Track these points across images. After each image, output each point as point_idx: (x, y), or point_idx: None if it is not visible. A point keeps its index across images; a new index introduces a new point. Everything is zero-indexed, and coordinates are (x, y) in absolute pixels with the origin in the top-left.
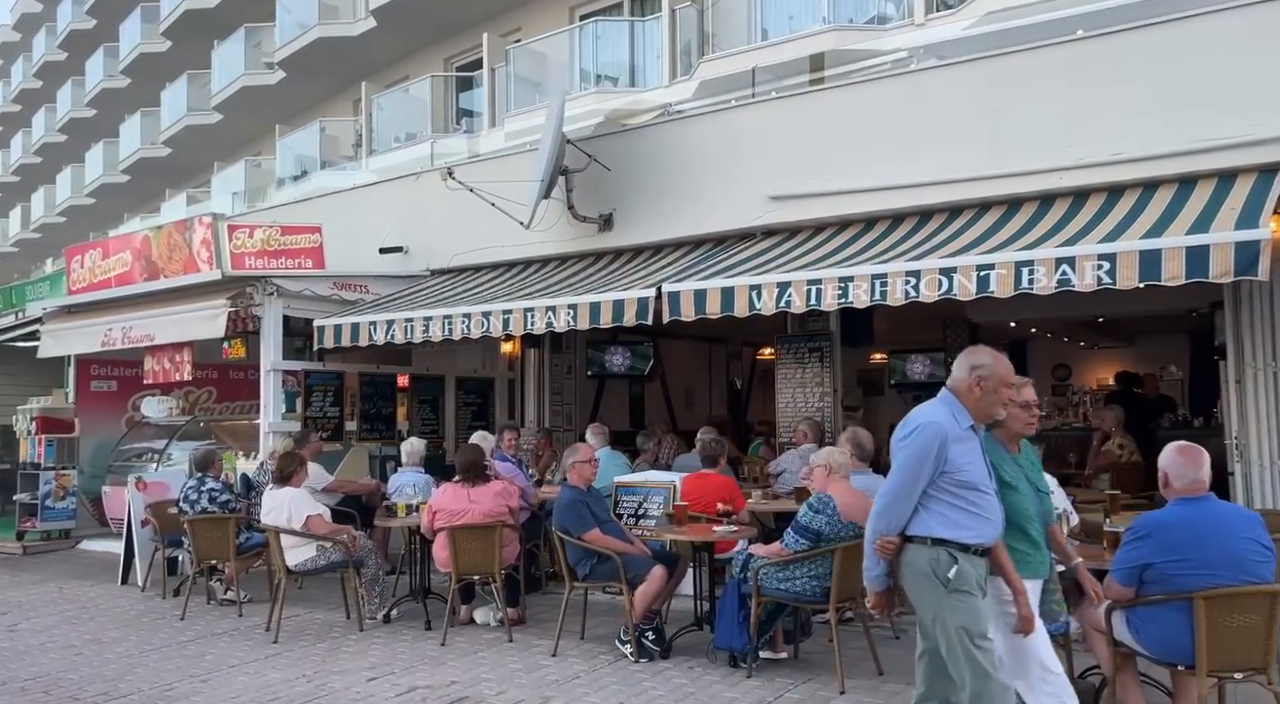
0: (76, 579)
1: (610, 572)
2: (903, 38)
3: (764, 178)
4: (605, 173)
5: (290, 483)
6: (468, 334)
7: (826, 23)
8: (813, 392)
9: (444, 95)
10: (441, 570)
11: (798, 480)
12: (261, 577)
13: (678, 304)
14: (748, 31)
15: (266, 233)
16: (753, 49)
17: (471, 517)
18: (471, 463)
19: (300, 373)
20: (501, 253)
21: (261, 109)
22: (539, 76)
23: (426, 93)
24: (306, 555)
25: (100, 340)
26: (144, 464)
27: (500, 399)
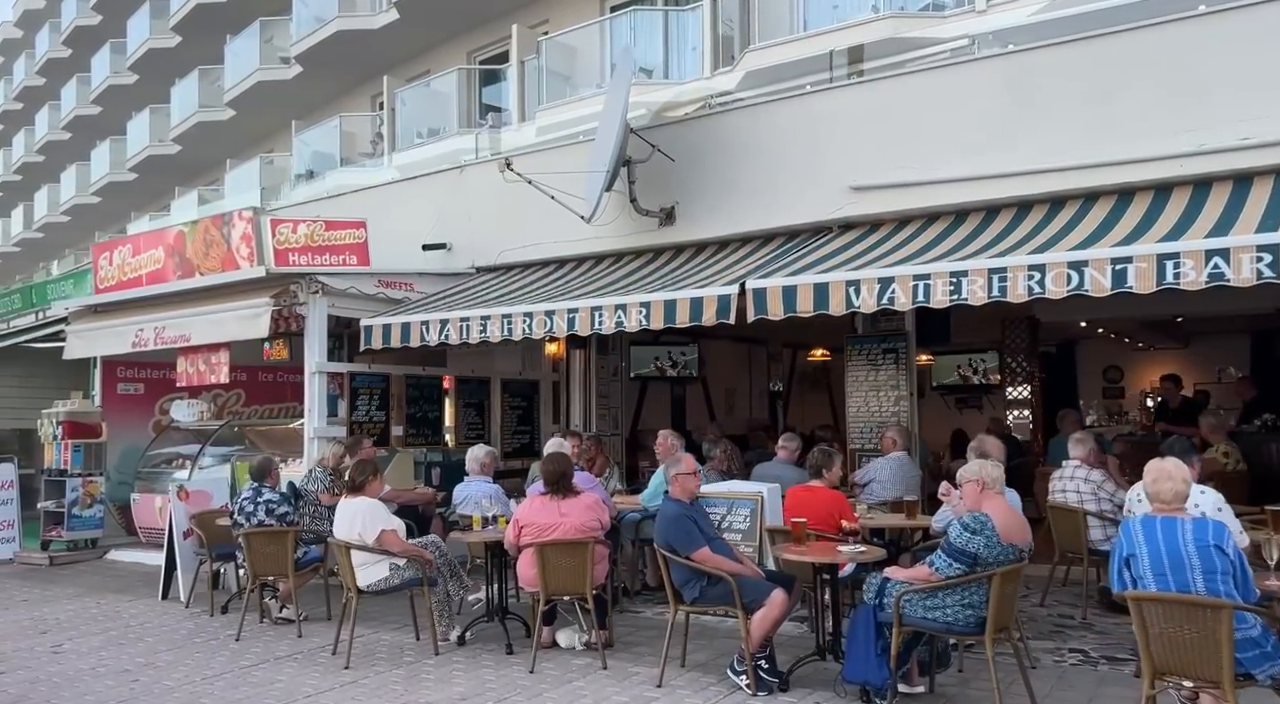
0: (113, 593)
1: (723, 595)
2: (962, 24)
3: (844, 168)
4: (666, 164)
5: (363, 493)
6: (529, 333)
7: (877, 11)
8: (887, 395)
9: (468, 90)
10: (527, 590)
11: (888, 492)
12: (312, 591)
13: (764, 302)
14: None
15: (310, 228)
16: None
17: (562, 531)
18: (560, 473)
19: (344, 375)
20: (553, 249)
21: (276, 105)
22: (569, 70)
23: (449, 87)
24: (379, 575)
25: (131, 341)
26: (173, 470)
27: (545, 402)
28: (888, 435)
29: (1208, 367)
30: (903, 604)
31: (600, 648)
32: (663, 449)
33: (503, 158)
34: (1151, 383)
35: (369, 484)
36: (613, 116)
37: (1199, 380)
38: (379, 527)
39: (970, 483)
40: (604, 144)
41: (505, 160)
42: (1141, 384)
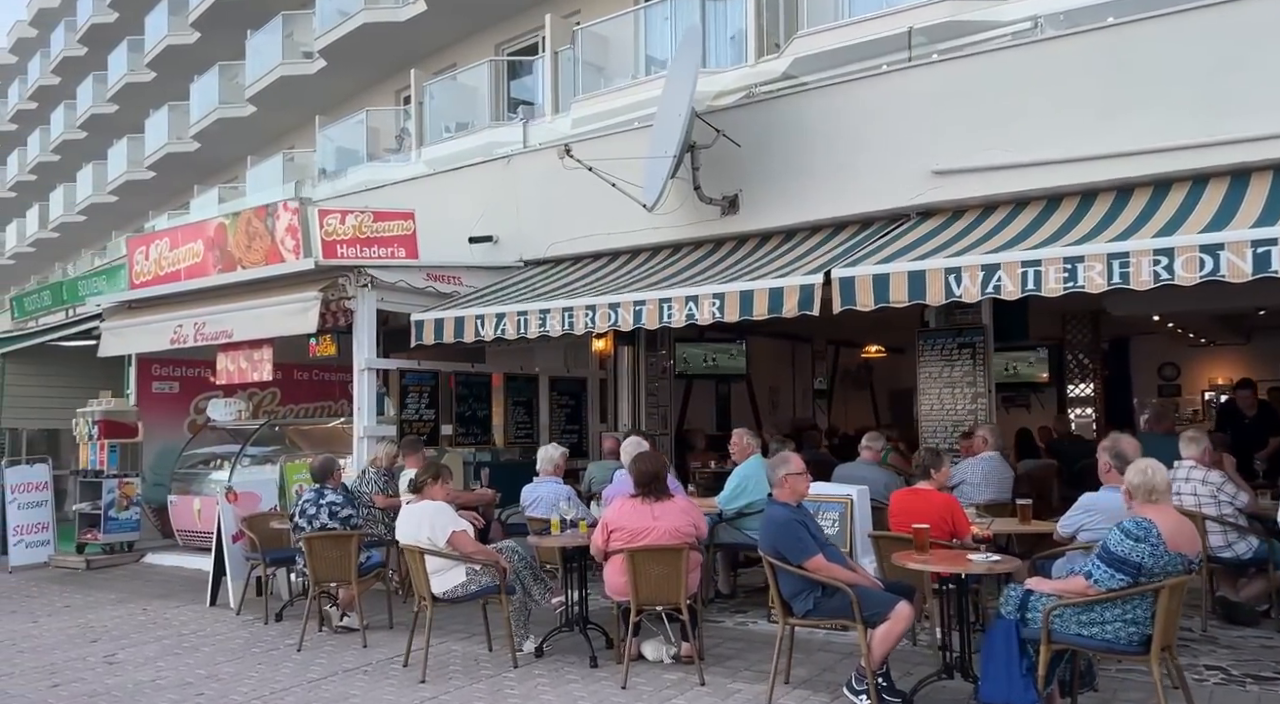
0: (157, 599)
1: (839, 608)
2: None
3: (925, 151)
4: (730, 151)
5: (428, 495)
6: (591, 327)
7: None
8: (963, 393)
9: (496, 82)
10: (615, 599)
11: (979, 494)
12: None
13: (852, 292)
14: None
15: (359, 219)
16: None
17: (655, 536)
18: (654, 474)
19: (395, 372)
20: (606, 241)
21: (298, 101)
22: (602, 60)
23: (476, 80)
24: (455, 580)
25: (169, 337)
26: (210, 471)
27: (593, 401)
28: (978, 434)
29: (1270, 364)
30: (1053, 620)
31: (692, 662)
32: (738, 448)
33: (563, 144)
34: (1211, 380)
35: (431, 486)
36: (677, 99)
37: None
38: (448, 528)
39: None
40: (668, 128)
41: (565, 146)
42: (1200, 382)
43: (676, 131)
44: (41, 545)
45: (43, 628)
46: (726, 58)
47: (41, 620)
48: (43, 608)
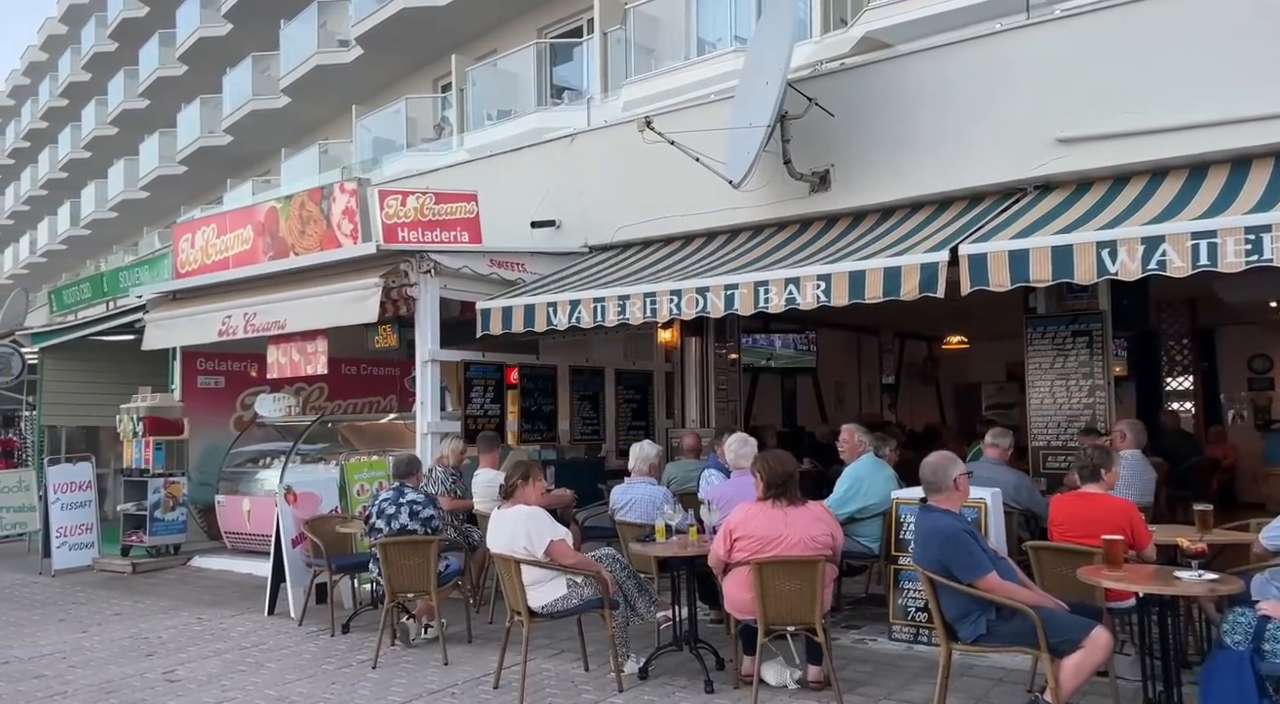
0: (211, 606)
1: (1019, 633)
2: None
3: (1045, 117)
4: (820, 123)
5: (521, 498)
6: (676, 313)
7: None
8: (1078, 385)
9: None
10: (738, 616)
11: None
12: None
13: (983, 270)
14: None
15: (420, 200)
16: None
17: (787, 545)
18: (787, 475)
19: (459, 365)
20: (680, 224)
21: (334, 91)
22: (651, 42)
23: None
24: (555, 594)
25: (217, 329)
26: (258, 470)
27: (659, 395)
28: (1116, 430)
29: None
30: None
31: (821, 688)
32: (849, 445)
33: (643, 116)
34: None
35: (523, 487)
36: (767, 65)
37: None
38: (546, 537)
39: None
40: (755, 98)
41: (646, 118)
42: None
43: (768, 100)
44: (85, 548)
45: (94, 639)
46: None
47: (91, 630)
48: (91, 616)
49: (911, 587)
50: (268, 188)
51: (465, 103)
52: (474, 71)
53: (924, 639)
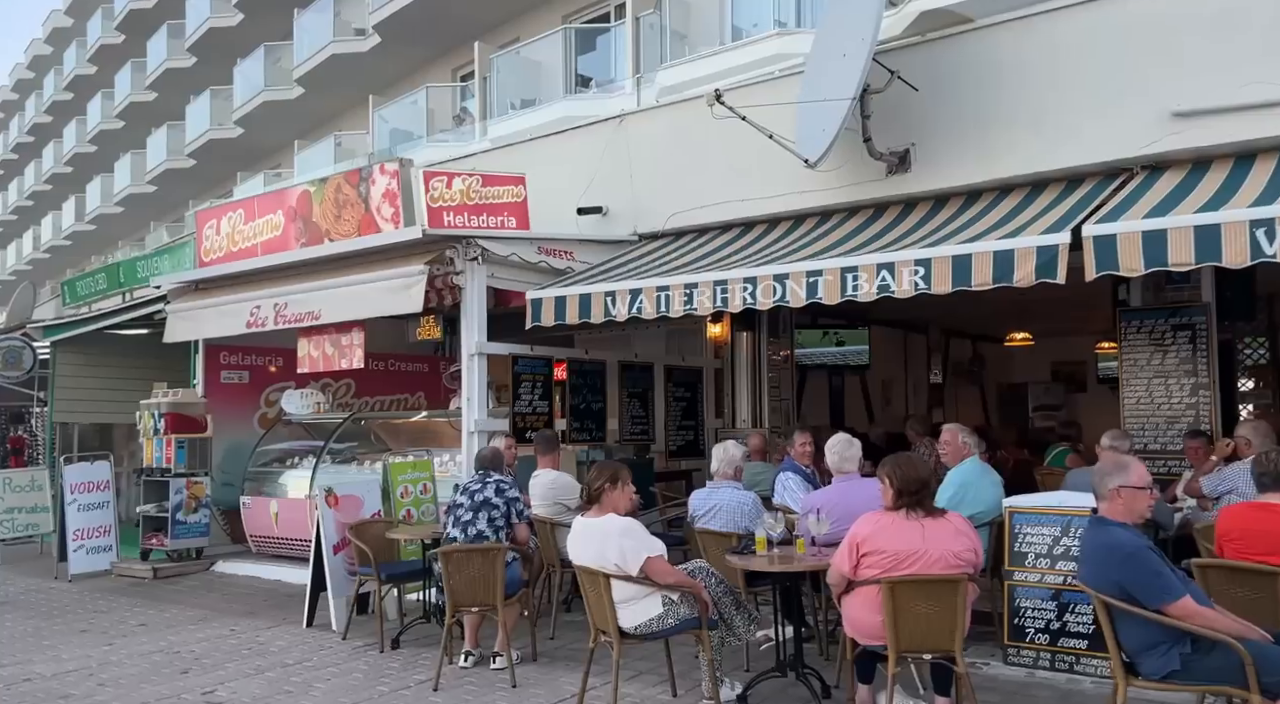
0: (241, 617)
1: (1224, 670)
2: None
3: (1159, 89)
4: (901, 98)
5: (610, 506)
6: (751, 303)
7: None
8: (1179, 384)
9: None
10: (861, 641)
11: None
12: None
13: (1112, 253)
14: None
15: (466, 183)
16: None
17: (926, 562)
18: (922, 481)
19: (506, 359)
20: (739, 209)
21: (349, 81)
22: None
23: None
24: (649, 613)
25: (245, 321)
26: (285, 470)
27: (708, 393)
28: (1239, 435)
29: None
30: None
31: None
32: (952, 448)
33: (712, 90)
34: None
35: (611, 492)
36: (847, 33)
37: None
38: (642, 553)
39: None
40: (834, 71)
41: (715, 92)
42: None
43: (850, 72)
44: (103, 551)
45: (120, 652)
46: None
47: (118, 643)
48: (115, 626)
49: (1030, 606)
50: (279, 181)
51: (489, 92)
52: (498, 59)
53: (1045, 664)
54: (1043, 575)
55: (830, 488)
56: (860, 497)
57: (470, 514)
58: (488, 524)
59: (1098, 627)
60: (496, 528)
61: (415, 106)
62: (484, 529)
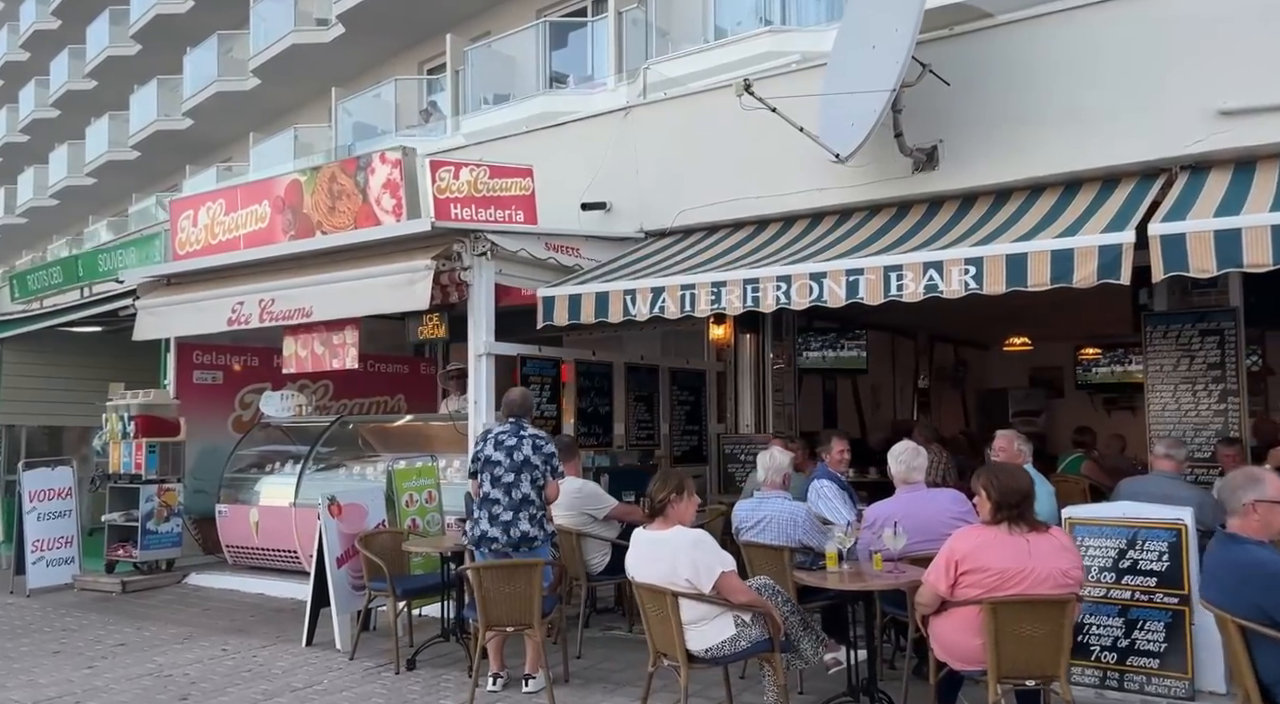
0: (232, 634)
1: None
2: None
3: (1203, 86)
4: (930, 93)
5: (676, 517)
6: (785, 303)
7: None
8: (1207, 391)
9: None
10: (957, 666)
11: None
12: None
13: (1182, 253)
14: None
15: (474, 173)
16: None
17: (1034, 581)
18: (1023, 493)
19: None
20: (754, 207)
21: (309, 72)
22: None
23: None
24: (722, 634)
25: (227, 318)
26: (262, 476)
27: (711, 397)
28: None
29: None
30: None
31: None
32: (1007, 455)
33: (741, 79)
34: None
35: (677, 503)
36: (881, 23)
37: None
38: (716, 568)
39: None
40: (864, 63)
41: (745, 81)
42: None
43: (888, 63)
44: (65, 564)
45: (105, 676)
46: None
47: (99, 665)
48: (92, 647)
49: (1095, 622)
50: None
51: (461, 86)
52: (471, 52)
53: (1113, 683)
54: (1108, 590)
55: (896, 499)
56: (930, 508)
57: (512, 476)
58: (531, 486)
59: (1170, 645)
60: (539, 488)
61: (377, 100)
62: (530, 455)
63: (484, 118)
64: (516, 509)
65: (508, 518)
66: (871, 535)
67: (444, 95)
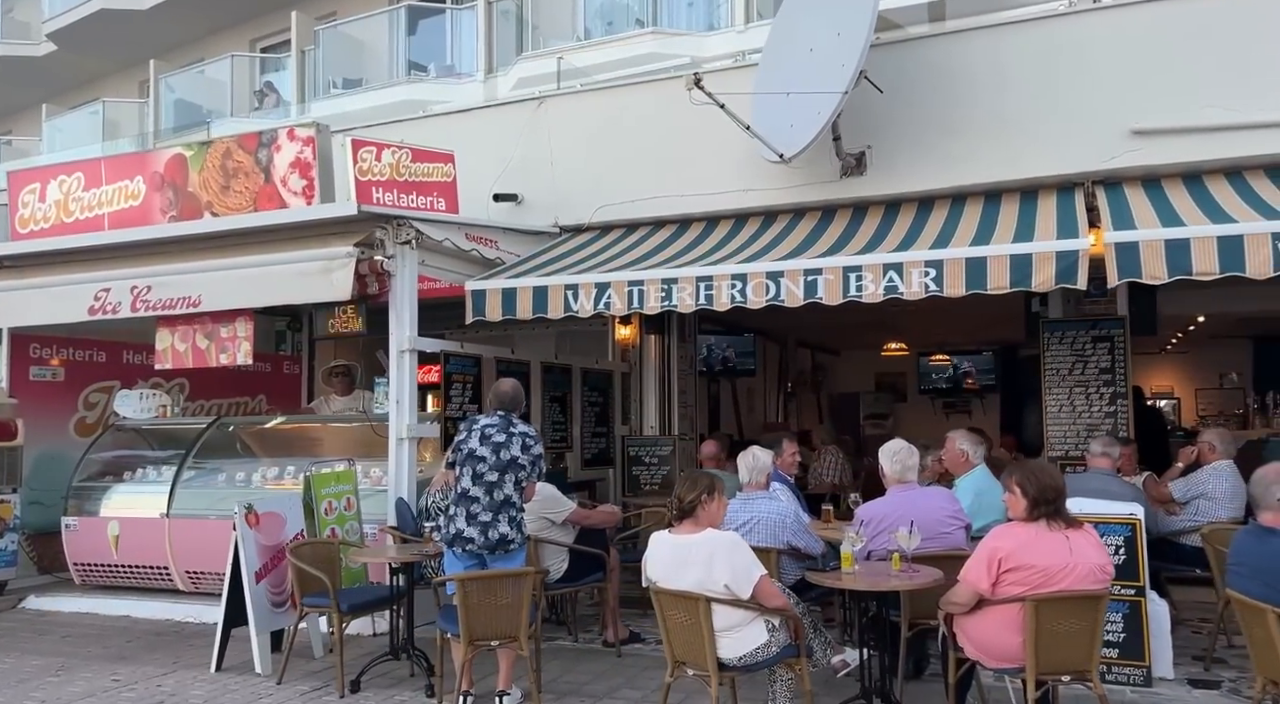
0: (115, 663)
1: None
2: None
3: (1119, 107)
4: (861, 100)
5: (707, 520)
6: (740, 302)
7: None
8: (1099, 394)
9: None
10: (992, 664)
11: (1223, 510)
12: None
13: (1135, 260)
14: None
15: (396, 156)
16: None
17: (1075, 578)
18: (1058, 490)
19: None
20: (677, 205)
21: (118, 41)
22: (537, 19)
23: (368, 34)
24: (754, 641)
25: (88, 306)
26: (115, 484)
27: (617, 398)
28: (1204, 440)
29: (1209, 371)
30: None
31: None
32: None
33: (690, 74)
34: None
35: (708, 504)
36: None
37: (1201, 386)
38: (755, 570)
39: None
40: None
41: (695, 76)
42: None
43: (835, 66)
44: None
45: None
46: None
47: None
48: None
49: None
50: (11, 151)
51: (307, 67)
52: (324, 33)
53: (1110, 678)
54: None
55: (890, 498)
56: (925, 506)
57: (496, 475)
58: (514, 487)
59: (1128, 635)
60: (521, 489)
61: (203, 77)
62: (518, 454)
63: (336, 102)
64: (497, 510)
65: (486, 519)
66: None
67: (282, 76)
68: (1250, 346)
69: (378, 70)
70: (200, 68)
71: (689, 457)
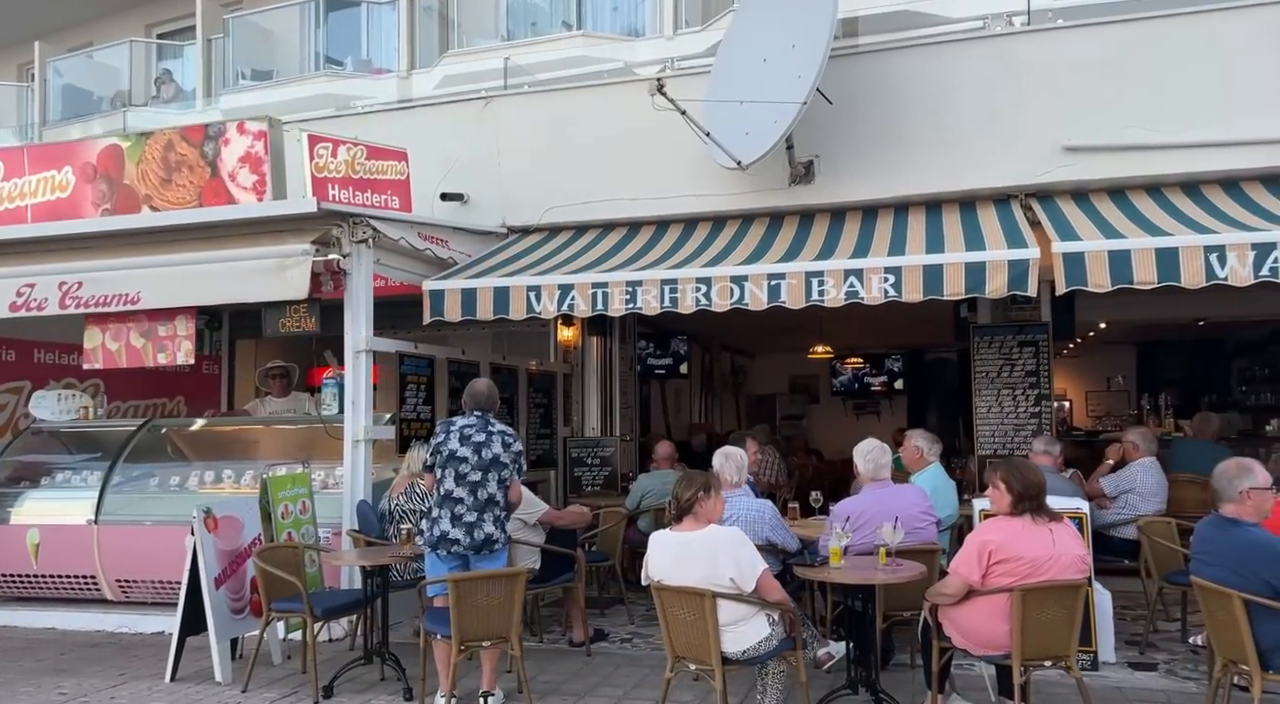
0: (58, 675)
1: None
2: None
3: (1053, 124)
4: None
5: (706, 516)
6: (705, 305)
7: None
8: (1024, 395)
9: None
10: (979, 651)
11: (1149, 504)
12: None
13: (1080, 269)
14: None
15: (351, 152)
16: None
17: (1059, 568)
18: (1040, 485)
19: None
20: (627, 208)
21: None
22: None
23: (276, 24)
24: (757, 634)
25: (9, 302)
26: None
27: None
28: (1128, 439)
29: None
30: None
31: None
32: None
33: (654, 79)
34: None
35: (705, 502)
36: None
37: (1090, 388)
38: (758, 564)
39: None
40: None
41: (658, 81)
42: None
43: (794, 76)
44: None
45: None
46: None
47: None
48: None
49: None
50: None
51: (216, 55)
52: (232, 21)
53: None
54: None
55: (864, 495)
56: (899, 503)
57: (479, 474)
58: (498, 486)
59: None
60: (505, 488)
61: (92, 61)
62: (500, 453)
63: (246, 95)
64: (481, 510)
65: (471, 519)
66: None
67: (180, 63)
68: (1134, 351)
69: (288, 63)
70: (89, 52)
71: (630, 458)
